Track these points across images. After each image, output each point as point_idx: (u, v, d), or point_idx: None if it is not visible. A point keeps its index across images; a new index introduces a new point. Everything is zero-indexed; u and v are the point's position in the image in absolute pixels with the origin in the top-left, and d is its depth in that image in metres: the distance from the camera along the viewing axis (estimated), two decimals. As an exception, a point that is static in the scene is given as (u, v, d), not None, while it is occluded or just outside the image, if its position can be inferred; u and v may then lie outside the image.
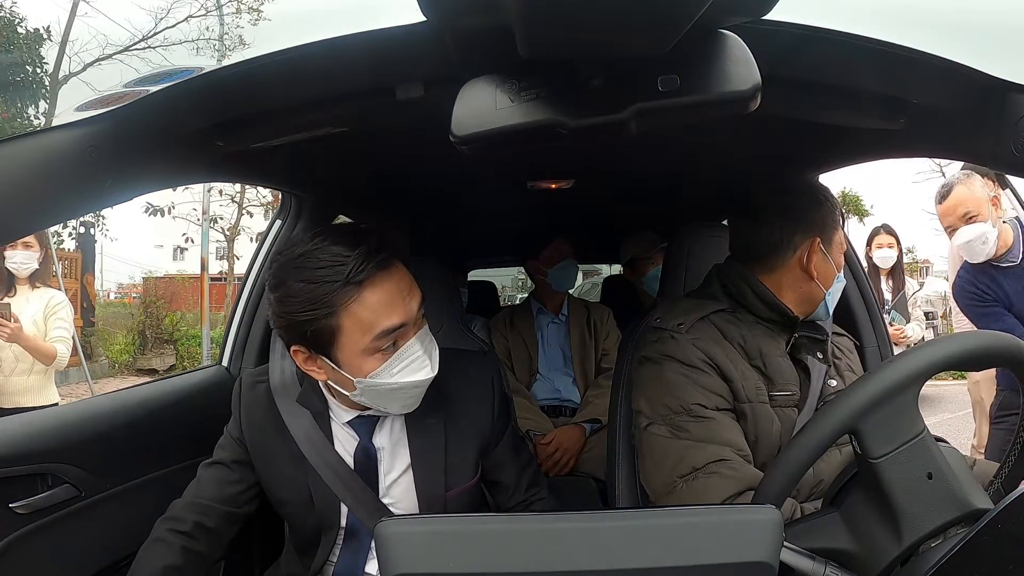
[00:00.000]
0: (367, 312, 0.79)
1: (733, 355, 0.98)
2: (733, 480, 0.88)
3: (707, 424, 0.93)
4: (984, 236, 1.91)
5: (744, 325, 1.01)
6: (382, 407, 0.88)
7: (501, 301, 3.72)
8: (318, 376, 0.86)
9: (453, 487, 0.94)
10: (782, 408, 0.98)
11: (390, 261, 0.82)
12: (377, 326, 0.80)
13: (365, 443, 0.93)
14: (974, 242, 1.93)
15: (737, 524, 0.54)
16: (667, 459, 0.93)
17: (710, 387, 0.96)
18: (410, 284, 0.84)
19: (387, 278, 0.81)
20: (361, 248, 0.79)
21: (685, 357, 0.98)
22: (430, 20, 0.58)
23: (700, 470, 0.90)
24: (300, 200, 1.42)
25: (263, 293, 1.42)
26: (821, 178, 1.53)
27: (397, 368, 0.82)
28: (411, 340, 0.83)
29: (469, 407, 0.97)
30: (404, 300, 0.82)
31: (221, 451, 0.96)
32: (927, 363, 0.63)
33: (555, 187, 1.75)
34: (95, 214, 8.65)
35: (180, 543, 0.87)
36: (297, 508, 0.93)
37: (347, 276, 0.78)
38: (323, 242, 0.80)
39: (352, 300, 0.78)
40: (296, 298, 0.79)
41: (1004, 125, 0.65)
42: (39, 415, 1.03)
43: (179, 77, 0.69)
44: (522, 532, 0.54)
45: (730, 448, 0.92)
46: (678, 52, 0.55)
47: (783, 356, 1.00)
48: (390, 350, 0.82)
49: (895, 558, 0.59)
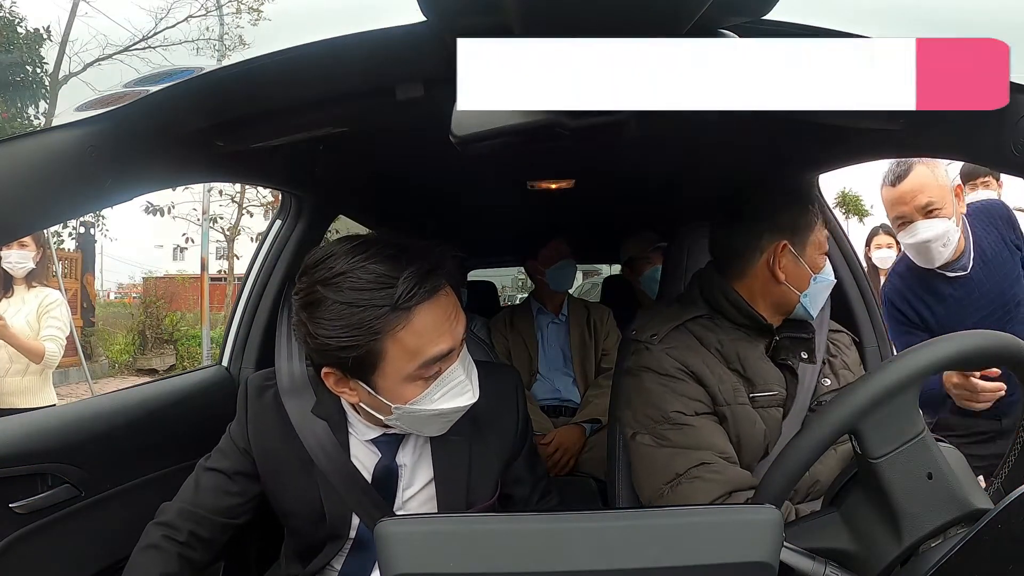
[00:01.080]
0: (414, 339, 0.73)
1: (710, 360, 1.00)
2: (716, 483, 0.90)
3: (686, 431, 0.95)
4: (946, 236, 1.46)
5: (721, 330, 1.03)
6: (417, 430, 0.85)
7: (501, 301, 3.72)
8: (349, 398, 0.82)
9: (474, 504, 0.92)
10: (765, 408, 0.98)
11: (440, 284, 0.76)
12: (424, 353, 0.74)
13: (388, 461, 0.90)
14: (933, 243, 1.46)
15: (737, 524, 0.54)
16: (653, 468, 0.96)
17: (687, 394, 0.98)
18: (456, 306, 0.79)
19: (436, 302, 0.75)
20: (411, 269, 0.72)
21: (660, 367, 1.00)
22: (430, 20, 0.58)
23: (683, 476, 0.92)
24: (300, 200, 1.42)
25: (263, 293, 1.42)
26: (821, 178, 1.54)
27: (439, 394, 0.78)
28: (455, 364, 0.79)
29: (494, 424, 0.94)
30: (451, 325, 0.77)
31: (223, 459, 0.92)
32: (927, 363, 0.63)
33: (555, 187, 1.75)
34: (95, 214, 8.65)
35: (176, 550, 0.85)
36: (304, 520, 0.90)
37: (396, 301, 0.71)
38: (365, 260, 0.73)
39: (400, 327, 0.72)
40: (336, 321, 0.72)
41: (1004, 125, 0.65)
42: (39, 415, 1.03)
43: (179, 77, 0.69)
44: (522, 532, 0.54)
45: (711, 451, 0.93)
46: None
47: (763, 359, 1.01)
48: (433, 377, 0.77)
49: (895, 558, 0.59)
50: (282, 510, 0.92)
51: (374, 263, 0.73)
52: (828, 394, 1.01)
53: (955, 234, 1.46)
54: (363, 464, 0.90)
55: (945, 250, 1.47)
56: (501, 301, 3.72)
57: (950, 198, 1.45)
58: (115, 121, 0.68)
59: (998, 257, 1.53)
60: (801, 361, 1.03)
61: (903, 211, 1.48)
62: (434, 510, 0.91)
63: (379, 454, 0.90)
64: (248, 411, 0.93)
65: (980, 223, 1.56)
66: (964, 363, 0.65)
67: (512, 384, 0.99)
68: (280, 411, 0.91)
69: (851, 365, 1.08)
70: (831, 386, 1.02)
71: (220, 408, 1.00)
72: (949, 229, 1.45)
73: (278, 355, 0.99)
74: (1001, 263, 1.52)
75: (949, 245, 1.46)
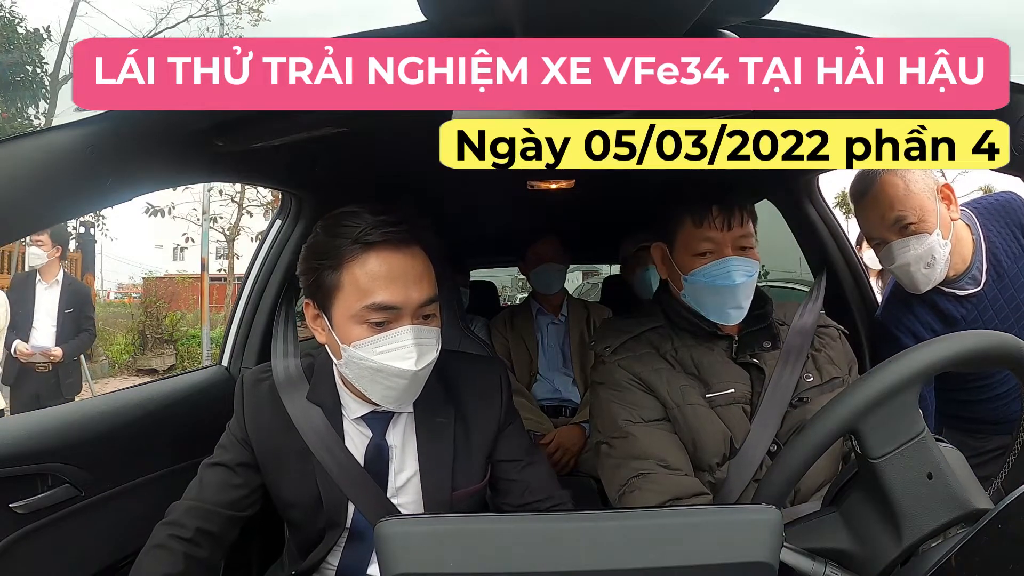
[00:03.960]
0: (365, 277, 0.81)
1: (661, 366, 1.03)
2: (653, 492, 0.92)
3: (630, 440, 0.98)
4: (929, 256, 1.15)
5: (678, 338, 1.06)
6: (365, 390, 0.86)
7: (501, 301, 3.72)
8: (319, 337, 0.88)
9: (460, 488, 0.93)
10: (724, 407, 0.99)
11: (405, 239, 0.83)
12: (370, 295, 0.80)
13: (378, 440, 0.92)
14: (913, 267, 1.17)
15: (737, 524, 0.54)
16: (610, 477, 1.00)
17: (635, 403, 1.01)
18: (421, 274, 0.84)
19: (395, 253, 0.82)
20: (382, 216, 0.81)
21: (612, 380, 1.04)
22: (430, 20, 0.58)
23: (625, 486, 0.95)
24: (300, 200, 1.42)
25: (263, 293, 1.43)
26: (821, 178, 1.54)
27: (381, 348, 0.81)
28: (405, 327, 0.82)
29: (479, 410, 0.96)
30: (406, 284, 0.82)
31: (224, 452, 0.94)
32: (927, 363, 0.63)
33: (555, 187, 1.75)
34: (95, 214, 8.66)
35: (182, 550, 0.85)
36: (303, 510, 0.92)
37: (356, 235, 0.80)
38: (362, 207, 0.83)
39: (355, 260, 0.81)
40: (314, 248, 0.84)
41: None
42: (39, 415, 1.03)
43: (179, 77, 0.69)
44: (522, 532, 0.54)
45: (652, 460, 0.95)
46: (678, 52, 0.55)
47: (723, 361, 1.03)
48: (381, 328, 0.81)
49: (895, 558, 0.59)
50: (282, 501, 0.93)
51: (364, 210, 0.83)
52: (810, 390, 1.00)
53: (942, 249, 1.16)
54: (356, 447, 0.92)
55: (931, 271, 1.16)
56: (501, 301, 3.72)
57: (931, 205, 1.16)
58: (115, 121, 0.68)
59: (1014, 267, 1.23)
60: (763, 351, 1.03)
61: (873, 230, 1.21)
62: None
63: (370, 433, 0.93)
64: (244, 403, 0.95)
65: (995, 225, 1.26)
66: (964, 363, 0.65)
67: (497, 374, 1.02)
68: (276, 402, 0.93)
69: (836, 359, 1.06)
70: (813, 382, 1.01)
71: (220, 408, 1.00)
72: (932, 246, 1.14)
73: (274, 353, 1.01)
74: (1018, 274, 1.23)
75: (935, 264, 1.16)
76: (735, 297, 1.00)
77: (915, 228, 1.15)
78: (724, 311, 1.01)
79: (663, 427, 0.99)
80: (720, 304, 1.01)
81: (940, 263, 1.16)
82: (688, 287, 1.04)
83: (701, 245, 1.02)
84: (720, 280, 0.99)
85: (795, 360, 1.02)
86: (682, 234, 1.04)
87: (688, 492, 0.92)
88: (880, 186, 1.18)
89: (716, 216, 1.01)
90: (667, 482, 0.93)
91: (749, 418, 0.99)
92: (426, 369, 0.84)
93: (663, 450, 0.96)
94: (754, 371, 1.02)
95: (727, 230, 1.01)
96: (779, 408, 0.98)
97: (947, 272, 1.19)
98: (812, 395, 1.00)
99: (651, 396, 1.01)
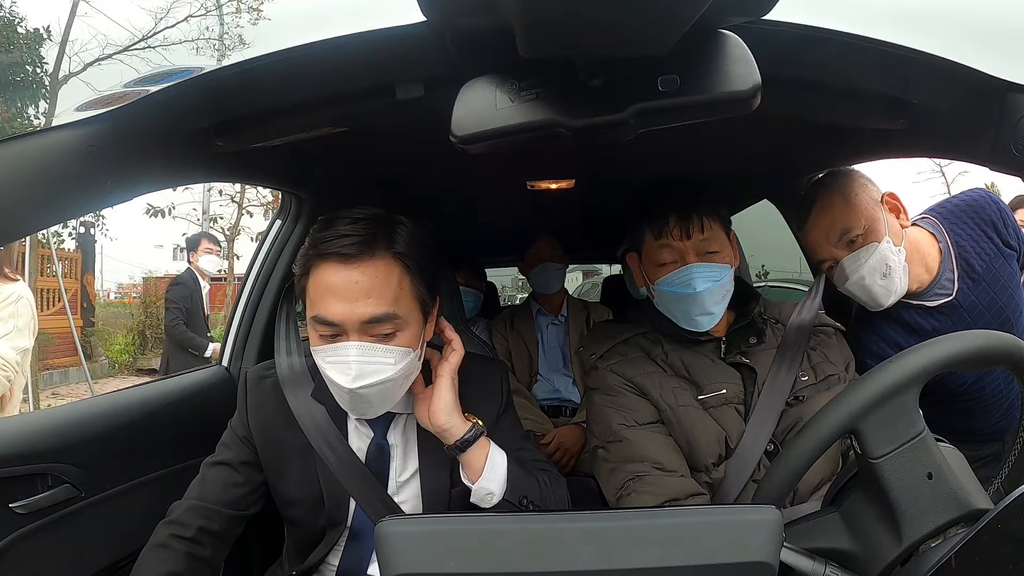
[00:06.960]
0: (313, 289, 0.80)
1: (652, 369, 1.04)
2: (650, 494, 0.92)
3: (625, 444, 0.99)
4: (883, 265, 1.10)
5: (666, 342, 1.07)
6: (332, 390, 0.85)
7: (501, 301, 3.71)
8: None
9: (459, 484, 0.93)
10: (717, 408, 1.00)
11: (358, 252, 0.78)
12: (315, 307, 0.80)
13: (379, 440, 0.93)
14: (868, 280, 1.11)
15: (737, 524, 0.54)
16: (607, 481, 1.00)
17: (628, 406, 1.01)
18: (369, 290, 0.77)
19: (343, 267, 0.78)
20: (347, 229, 0.79)
21: (605, 385, 1.05)
22: (430, 20, 0.58)
23: (622, 489, 0.96)
24: (300, 200, 1.42)
25: (263, 293, 1.43)
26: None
27: (329, 358, 0.81)
28: (349, 343, 0.79)
29: (478, 407, 0.95)
30: (350, 300, 0.77)
31: (226, 451, 0.94)
32: (927, 363, 0.63)
33: (555, 187, 1.75)
34: (95, 214, 8.64)
35: (184, 549, 0.85)
36: (304, 508, 0.92)
37: (312, 245, 0.80)
38: (347, 212, 0.82)
39: (313, 269, 0.80)
40: (301, 250, 0.84)
41: (1004, 125, 0.65)
42: (39, 415, 1.03)
43: (179, 77, 0.69)
44: (522, 532, 0.54)
45: (647, 463, 0.96)
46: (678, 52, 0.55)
47: (713, 362, 1.03)
48: (326, 339, 0.81)
49: (895, 558, 0.59)
50: (283, 499, 0.93)
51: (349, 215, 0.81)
52: (806, 388, 1.00)
53: (896, 257, 1.10)
54: (358, 447, 0.93)
55: (888, 281, 1.10)
56: (501, 301, 3.72)
57: (876, 214, 1.11)
58: (115, 121, 0.68)
59: (990, 270, 1.17)
60: (752, 349, 1.03)
61: (823, 253, 1.16)
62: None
63: (371, 433, 0.93)
64: (248, 400, 0.95)
65: (964, 227, 1.20)
66: (964, 363, 0.65)
67: (496, 373, 1.03)
68: (279, 399, 0.93)
69: (832, 357, 1.06)
70: (808, 381, 1.01)
71: (220, 408, 1.00)
72: (884, 254, 1.09)
73: (277, 351, 1.01)
74: (994, 276, 1.17)
75: (892, 274, 1.10)
76: (701, 304, 1.00)
77: (863, 240, 1.11)
78: (691, 318, 1.02)
79: (657, 430, 1.00)
80: (686, 311, 1.02)
81: (897, 271, 1.11)
82: (657, 296, 1.06)
83: (662, 255, 1.03)
84: (681, 288, 1.00)
85: (791, 358, 1.02)
86: (646, 245, 1.06)
87: (684, 493, 0.93)
88: (820, 206, 1.14)
89: (673, 227, 1.01)
90: (663, 484, 0.93)
91: (743, 418, 0.99)
92: (371, 388, 0.79)
93: (658, 452, 0.97)
94: (745, 371, 1.02)
95: (686, 239, 1.01)
96: (775, 407, 0.98)
97: (911, 285, 1.14)
98: (808, 393, 1.00)
99: (644, 399, 1.01)
